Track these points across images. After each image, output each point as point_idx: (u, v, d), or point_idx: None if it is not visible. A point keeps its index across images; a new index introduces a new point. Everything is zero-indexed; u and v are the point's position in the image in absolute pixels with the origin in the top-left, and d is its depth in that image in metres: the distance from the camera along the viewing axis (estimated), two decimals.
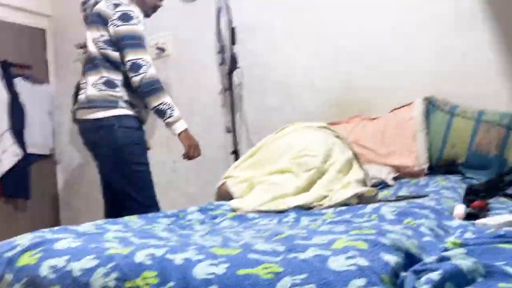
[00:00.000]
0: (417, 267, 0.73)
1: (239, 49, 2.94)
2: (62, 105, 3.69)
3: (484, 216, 1.33)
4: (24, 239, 1.06)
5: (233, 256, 0.79)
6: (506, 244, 0.87)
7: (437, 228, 1.09)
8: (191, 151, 2.19)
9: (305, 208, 1.56)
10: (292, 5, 2.86)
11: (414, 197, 1.58)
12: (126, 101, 2.09)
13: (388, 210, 1.20)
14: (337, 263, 0.70)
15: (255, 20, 2.97)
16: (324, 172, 1.72)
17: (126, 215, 2.02)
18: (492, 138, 2.21)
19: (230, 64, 2.84)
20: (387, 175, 2.24)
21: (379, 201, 1.61)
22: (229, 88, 2.95)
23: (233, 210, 1.63)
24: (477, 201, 1.41)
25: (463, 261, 0.70)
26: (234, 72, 2.93)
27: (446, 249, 0.87)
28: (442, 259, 0.80)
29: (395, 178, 2.27)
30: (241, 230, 1.19)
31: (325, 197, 1.65)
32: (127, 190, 2.10)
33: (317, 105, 2.81)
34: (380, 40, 2.63)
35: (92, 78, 2.10)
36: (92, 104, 2.07)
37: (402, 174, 2.34)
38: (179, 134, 2.13)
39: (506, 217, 1.22)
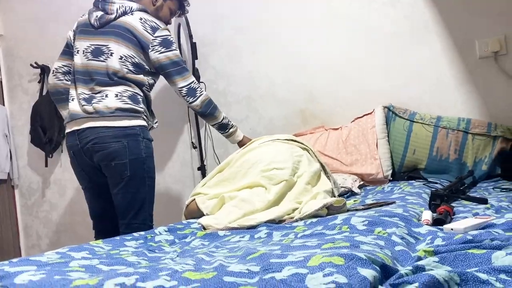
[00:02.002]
0: (393, 280, 0.73)
1: (200, 64, 2.92)
2: (18, 126, 3.55)
3: (451, 221, 1.36)
4: None
5: (207, 280, 0.76)
6: (475, 249, 0.89)
7: (407, 236, 1.11)
8: None
9: (276, 222, 1.55)
10: (252, 19, 2.87)
11: (381, 205, 1.61)
12: (145, 115, 2.10)
13: (358, 221, 1.21)
14: (315, 282, 0.69)
15: (215, 35, 2.96)
16: (293, 184, 1.73)
17: (122, 232, 2.00)
18: (450, 143, 2.28)
19: None
20: (352, 183, 2.27)
21: (348, 210, 1.63)
22: None
23: (204, 227, 1.61)
24: (442, 206, 1.45)
25: (438, 271, 0.70)
26: None
27: (419, 258, 0.88)
28: (417, 269, 0.80)
29: (360, 186, 2.30)
30: (213, 249, 1.17)
31: (295, 209, 1.66)
32: (131, 207, 2.03)
33: (281, 117, 2.83)
34: (340, 52, 2.68)
35: (114, 89, 2.01)
36: (116, 113, 1.98)
37: (366, 181, 2.38)
38: (240, 141, 2.29)
39: (471, 221, 1.26)
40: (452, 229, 1.20)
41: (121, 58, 2.03)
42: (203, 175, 2.89)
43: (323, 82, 2.72)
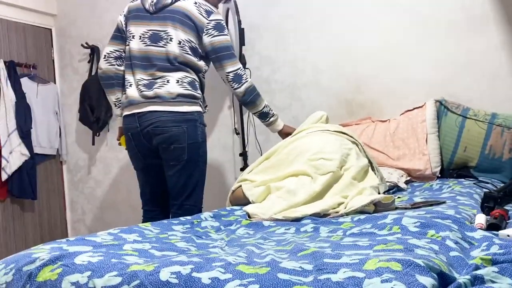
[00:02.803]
0: None
1: (247, 50, 2.91)
2: (67, 104, 3.67)
3: (506, 226, 1.31)
4: (42, 252, 1.05)
5: (262, 276, 0.77)
6: None
7: (461, 241, 1.07)
8: None
9: (320, 216, 1.54)
10: (300, 5, 2.83)
11: (431, 204, 1.57)
12: (202, 101, 2.16)
13: (409, 221, 1.18)
14: (373, 287, 0.68)
15: (263, 21, 2.94)
16: (339, 177, 1.71)
17: (174, 215, 2.07)
18: (505, 142, 2.19)
19: None
20: (399, 178, 2.22)
21: (396, 208, 1.60)
22: None
23: (248, 216, 1.62)
24: (496, 209, 1.39)
25: (501, 285, 0.68)
26: None
27: (477, 267, 0.85)
28: (475, 279, 0.78)
29: (406, 182, 2.25)
30: (261, 241, 1.17)
31: (340, 204, 1.64)
32: (184, 190, 2.11)
33: (325, 106, 2.78)
34: (390, 41, 2.60)
35: (175, 75, 2.06)
36: (178, 99, 2.05)
37: (413, 177, 2.32)
38: (281, 130, 2.29)
39: None
40: (508, 236, 1.16)
41: (179, 43, 2.07)
42: (245, 161, 2.91)
43: (371, 72, 2.66)
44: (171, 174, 2.12)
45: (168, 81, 2.05)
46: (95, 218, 3.68)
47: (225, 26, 2.14)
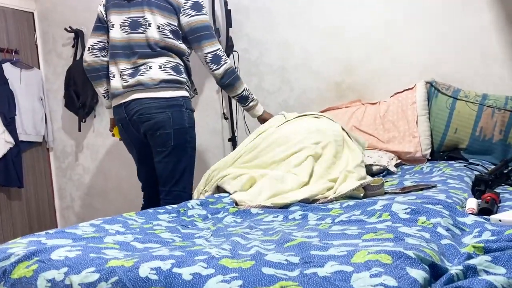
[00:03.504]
0: (444, 282, 0.68)
1: (234, 32, 2.84)
2: (52, 90, 3.59)
3: (497, 210, 1.29)
4: (18, 247, 1.00)
5: (245, 271, 0.73)
6: None
7: (453, 227, 1.05)
8: None
9: (309, 202, 1.51)
10: None
11: (421, 189, 1.54)
12: (187, 85, 2.11)
13: (400, 208, 1.15)
14: (362, 282, 0.65)
15: (250, 2, 2.87)
16: (319, 156, 1.69)
17: (163, 201, 2.06)
18: (496, 123, 2.16)
19: (225, 48, 2.74)
20: (389, 161, 2.20)
21: (386, 193, 1.57)
22: None
23: (235, 203, 1.58)
24: (488, 193, 1.37)
25: (496, 277, 0.65)
26: (230, 56, 2.84)
27: (469, 255, 0.82)
28: (468, 269, 0.75)
29: (397, 165, 2.22)
30: (248, 230, 1.14)
31: (329, 188, 1.61)
32: (172, 176, 2.08)
33: (315, 89, 2.74)
34: (380, 23, 2.54)
35: (157, 60, 2.02)
36: (161, 85, 2.01)
37: (403, 160, 2.29)
38: (260, 115, 2.25)
39: None
40: (500, 220, 1.13)
41: (158, 27, 2.03)
42: (234, 146, 2.87)
43: (361, 54, 2.61)
44: (159, 161, 2.10)
45: (150, 67, 2.01)
46: (84, 205, 3.64)
47: (204, 6, 2.08)
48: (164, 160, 2.08)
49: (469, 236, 1.02)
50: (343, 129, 1.99)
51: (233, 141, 2.86)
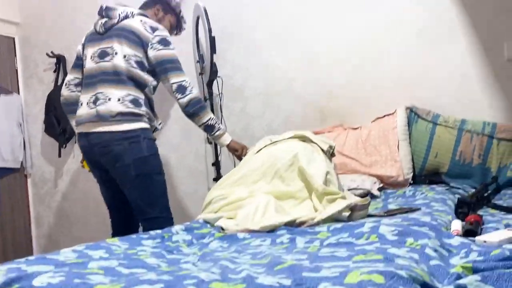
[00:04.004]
0: None
1: (218, 59, 2.87)
2: (32, 115, 3.54)
3: (481, 232, 1.31)
4: None
5: None
6: None
7: (440, 248, 1.05)
8: (244, 151, 2.33)
9: (296, 225, 1.51)
10: (271, 13, 2.81)
11: (406, 211, 1.55)
12: (147, 117, 2.16)
13: (387, 230, 1.16)
14: None
15: (234, 29, 2.91)
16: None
17: (143, 229, 2.10)
18: (475, 147, 2.21)
19: (210, 74, 2.76)
20: (372, 185, 2.22)
21: (369, 215, 1.58)
22: (209, 97, 2.88)
23: (222, 228, 1.56)
24: (471, 215, 1.39)
25: None
26: (214, 82, 2.86)
27: (458, 275, 0.83)
28: None
29: (379, 189, 2.24)
30: (236, 255, 1.12)
31: (316, 210, 1.61)
32: (144, 203, 2.11)
33: (298, 113, 2.77)
34: (361, 49, 2.61)
35: (117, 92, 2.08)
36: (117, 118, 2.06)
37: (386, 184, 2.32)
38: (228, 144, 2.30)
39: (504, 233, 1.21)
40: (485, 242, 1.15)
41: (125, 56, 2.11)
42: (217, 170, 2.86)
43: (343, 80, 2.66)
44: (127, 192, 2.14)
45: (109, 99, 2.07)
46: (62, 233, 3.54)
47: (171, 42, 2.18)
48: (131, 190, 2.12)
49: (457, 257, 1.03)
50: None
51: (217, 166, 2.85)
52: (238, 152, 2.33)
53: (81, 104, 2.16)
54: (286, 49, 2.79)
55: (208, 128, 2.23)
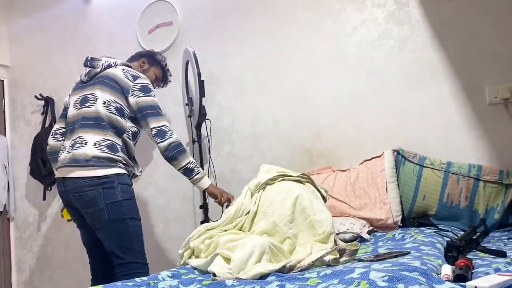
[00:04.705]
0: None
1: (207, 101, 2.91)
2: (18, 157, 3.50)
3: (472, 276, 1.30)
4: None
5: None
6: None
7: None
8: (224, 197, 2.35)
9: (286, 270, 1.48)
10: (258, 58, 2.88)
11: (396, 256, 1.54)
12: (122, 163, 2.17)
13: (377, 276, 1.14)
14: None
15: (222, 73, 2.97)
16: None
17: (116, 274, 2.08)
18: (461, 190, 2.23)
19: (199, 117, 2.79)
20: (361, 228, 2.20)
21: (360, 260, 1.56)
22: (197, 139, 2.89)
23: (213, 274, 1.53)
24: (461, 259, 1.38)
25: None
26: (203, 124, 2.89)
27: None
28: None
29: (369, 232, 2.23)
30: None
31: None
32: (118, 248, 2.10)
33: (286, 155, 2.79)
34: (347, 93, 2.66)
35: (94, 137, 2.12)
36: (91, 163, 2.07)
37: (375, 227, 2.31)
38: (207, 188, 2.32)
39: (495, 278, 1.20)
40: (476, 287, 1.14)
41: (104, 103, 2.17)
42: (205, 213, 2.83)
43: (330, 122, 2.70)
44: (101, 237, 2.13)
45: (86, 143, 2.10)
46: (44, 279, 3.43)
47: (152, 90, 2.25)
48: (104, 236, 2.11)
49: None
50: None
51: (205, 208, 2.82)
52: (218, 198, 2.35)
53: (63, 151, 2.20)
54: (272, 92, 2.84)
55: (187, 172, 2.25)
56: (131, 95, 2.19)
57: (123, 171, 2.15)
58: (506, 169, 2.23)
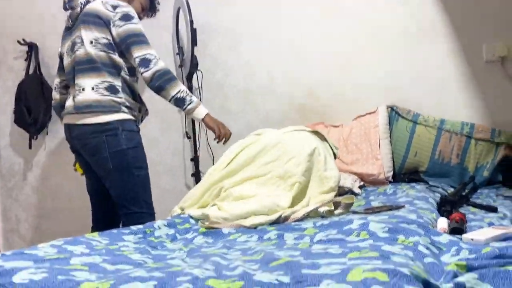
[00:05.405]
0: None
1: (198, 51, 2.82)
2: (1, 104, 3.39)
3: (466, 229, 1.32)
4: None
5: None
6: None
7: (431, 246, 1.05)
8: (222, 131, 2.10)
9: (281, 221, 1.49)
10: (255, 8, 2.78)
11: (390, 209, 1.55)
12: (126, 106, 2.05)
13: (377, 227, 1.15)
14: None
15: (216, 22, 2.86)
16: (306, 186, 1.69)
17: (122, 224, 2.03)
18: (453, 147, 2.25)
19: (190, 67, 2.71)
20: (353, 183, 2.22)
21: (355, 213, 1.57)
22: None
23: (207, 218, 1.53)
24: (455, 213, 1.40)
25: None
26: (194, 75, 2.81)
27: (454, 273, 0.82)
28: (457, 286, 0.75)
29: (360, 187, 2.25)
30: (225, 251, 1.09)
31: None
32: (124, 197, 2.04)
33: (279, 110, 2.75)
34: (343, 48, 2.61)
35: (90, 81, 1.99)
36: (93, 109, 1.97)
37: (366, 182, 2.33)
38: (203, 119, 2.07)
39: (490, 231, 1.22)
40: (472, 239, 1.15)
41: (91, 42, 2.02)
42: (196, 166, 2.81)
43: (324, 77, 2.66)
44: (108, 186, 2.08)
45: (83, 89, 1.99)
46: (31, 228, 3.41)
47: (134, 16, 2.04)
48: (111, 184, 2.06)
49: (447, 254, 1.03)
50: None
51: (196, 161, 2.80)
52: (216, 132, 2.10)
53: (69, 98, 2.11)
54: (268, 46, 2.77)
55: (179, 102, 2.01)
56: (113, 26, 2.00)
57: (127, 116, 2.03)
58: (498, 127, 2.25)
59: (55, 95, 2.25)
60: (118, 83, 2.03)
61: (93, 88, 1.98)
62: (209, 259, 0.97)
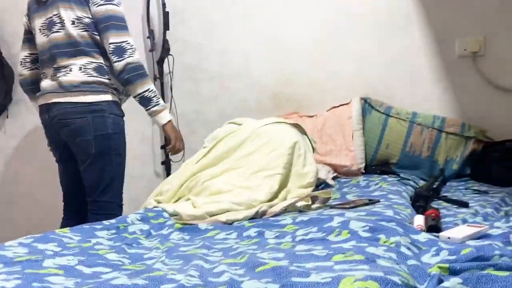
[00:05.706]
0: None
1: (171, 35, 2.73)
2: None
3: (442, 226, 1.34)
4: None
5: None
6: (494, 270, 0.86)
7: (411, 246, 1.06)
8: (177, 144, 2.05)
9: (258, 216, 1.47)
10: None
11: (366, 204, 1.57)
12: (114, 88, 1.94)
13: (358, 226, 1.15)
14: None
15: (189, 5, 2.78)
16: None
17: (90, 211, 1.95)
18: (424, 140, 2.29)
19: (162, 51, 2.62)
20: (326, 174, 2.23)
21: (332, 207, 1.58)
22: (159, 76, 2.74)
23: (181, 217, 1.49)
24: (430, 210, 1.42)
25: None
26: (165, 59, 2.73)
27: (439, 278, 0.83)
28: None
29: (333, 178, 2.26)
30: (205, 251, 1.06)
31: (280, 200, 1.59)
32: (98, 184, 1.95)
33: (253, 98, 2.72)
34: (318, 37, 2.59)
35: (77, 62, 1.88)
36: (79, 88, 1.86)
37: (339, 173, 2.34)
38: (164, 125, 1.98)
39: (466, 230, 1.24)
40: (449, 238, 1.17)
41: (73, 22, 1.90)
42: (166, 154, 2.75)
43: (299, 66, 2.64)
44: (83, 169, 1.98)
45: (70, 70, 1.89)
46: None
47: None
48: (88, 168, 1.96)
49: (428, 254, 1.04)
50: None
51: (165, 150, 2.73)
52: (172, 143, 2.03)
53: (45, 77, 1.97)
54: (243, 31, 2.71)
55: (144, 101, 1.91)
56: (92, 4, 1.88)
57: (115, 98, 1.94)
58: (467, 121, 2.30)
59: (22, 70, 2.09)
60: (105, 63, 1.93)
61: (80, 68, 1.88)
62: (191, 261, 0.94)
